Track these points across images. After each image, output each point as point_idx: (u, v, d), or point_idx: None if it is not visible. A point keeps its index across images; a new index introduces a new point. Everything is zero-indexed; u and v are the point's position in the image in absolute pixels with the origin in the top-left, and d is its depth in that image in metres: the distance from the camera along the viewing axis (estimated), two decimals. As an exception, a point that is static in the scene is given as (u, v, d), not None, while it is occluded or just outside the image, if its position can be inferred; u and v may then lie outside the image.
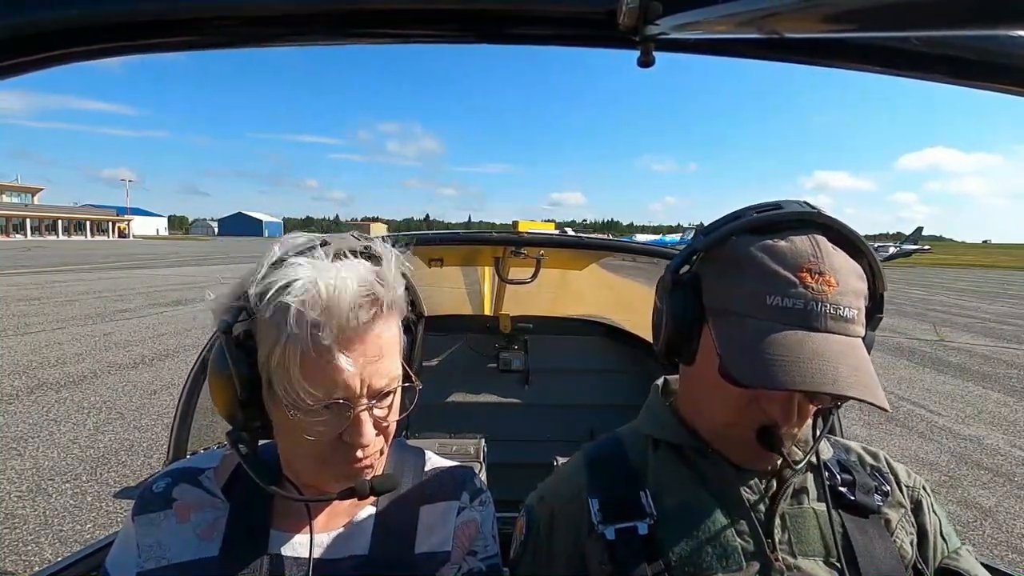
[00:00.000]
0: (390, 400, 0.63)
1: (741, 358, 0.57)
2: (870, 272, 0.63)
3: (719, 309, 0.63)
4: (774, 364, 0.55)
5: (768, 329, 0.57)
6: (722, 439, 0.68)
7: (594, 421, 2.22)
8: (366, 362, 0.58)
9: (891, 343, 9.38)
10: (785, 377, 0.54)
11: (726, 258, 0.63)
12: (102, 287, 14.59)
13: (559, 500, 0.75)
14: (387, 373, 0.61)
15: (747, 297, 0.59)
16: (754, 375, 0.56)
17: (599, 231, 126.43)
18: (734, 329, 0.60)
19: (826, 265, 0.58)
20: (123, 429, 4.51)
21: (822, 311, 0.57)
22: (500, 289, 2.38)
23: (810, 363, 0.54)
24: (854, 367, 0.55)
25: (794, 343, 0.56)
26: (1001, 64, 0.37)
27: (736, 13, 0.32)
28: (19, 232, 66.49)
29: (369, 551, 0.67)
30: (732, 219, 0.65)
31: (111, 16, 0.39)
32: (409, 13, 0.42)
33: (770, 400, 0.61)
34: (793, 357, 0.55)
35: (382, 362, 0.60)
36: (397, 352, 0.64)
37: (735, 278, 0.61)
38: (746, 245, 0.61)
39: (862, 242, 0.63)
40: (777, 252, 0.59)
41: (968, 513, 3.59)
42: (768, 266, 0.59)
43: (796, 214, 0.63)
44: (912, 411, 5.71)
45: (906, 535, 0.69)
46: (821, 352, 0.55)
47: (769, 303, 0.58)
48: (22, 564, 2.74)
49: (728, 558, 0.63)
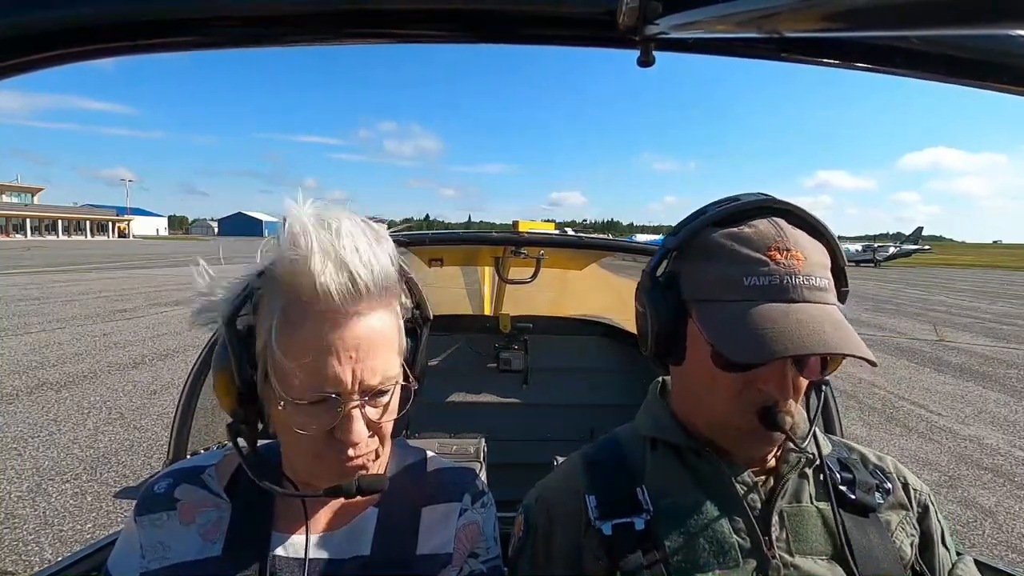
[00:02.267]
0: (386, 399, 0.62)
1: (731, 339, 0.59)
2: (830, 249, 0.67)
3: (700, 300, 0.65)
4: (764, 337, 0.57)
5: (750, 307, 0.60)
6: (723, 431, 0.68)
7: (594, 421, 2.22)
8: (359, 356, 0.57)
9: (891, 343, 9.38)
10: (777, 347, 0.56)
11: (698, 252, 0.66)
12: (102, 287, 14.59)
13: (557, 499, 0.75)
14: (382, 370, 0.59)
15: (725, 282, 0.62)
16: (748, 351, 0.58)
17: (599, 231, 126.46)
18: (718, 314, 0.62)
19: (791, 243, 0.61)
20: (123, 429, 4.51)
21: (797, 283, 0.60)
22: (500, 289, 2.39)
23: (797, 330, 0.57)
24: (837, 328, 0.58)
25: (779, 314, 0.58)
26: (1001, 64, 0.37)
27: (736, 13, 0.32)
28: (19, 232, 66.49)
29: (371, 552, 0.67)
30: (697, 216, 0.69)
31: (111, 16, 0.39)
32: (409, 13, 0.42)
33: (765, 378, 0.62)
34: (780, 327, 0.57)
35: (376, 358, 0.58)
36: (394, 350, 0.63)
37: (710, 268, 0.64)
38: (716, 237, 0.65)
39: (819, 223, 0.66)
40: (744, 237, 0.63)
41: (968, 513, 3.59)
42: (739, 251, 0.62)
43: (754, 203, 0.66)
44: (912, 411, 5.71)
45: (906, 536, 0.69)
46: (804, 319, 0.58)
47: (747, 284, 0.61)
48: (22, 564, 2.74)
49: (725, 555, 0.63)
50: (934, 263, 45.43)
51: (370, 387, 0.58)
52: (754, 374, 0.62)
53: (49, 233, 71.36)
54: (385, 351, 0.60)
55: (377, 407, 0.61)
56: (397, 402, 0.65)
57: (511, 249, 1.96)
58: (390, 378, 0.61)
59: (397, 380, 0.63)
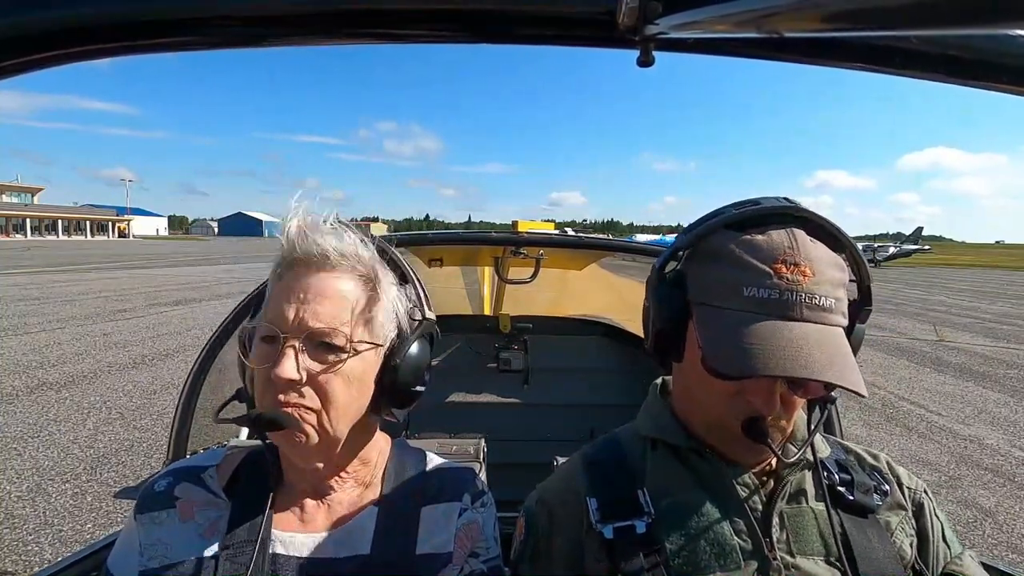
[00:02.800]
0: (332, 357, 0.61)
1: (719, 349, 0.59)
2: (853, 263, 0.65)
3: (700, 303, 0.64)
4: (750, 352, 0.56)
5: (745, 320, 0.59)
6: (714, 433, 0.69)
7: (594, 421, 2.22)
8: (306, 299, 0.61)
9: (891, 343, 9.38)
10: (759, 364, 0.55)
11: (707, 253, 0.65)
12: (102, 287, 14.59)
13: (558, 501, 0.75)
14: (326, 318, 0.61)
15: (725, 289, 0.61)
16: (731, 364, 0.57)
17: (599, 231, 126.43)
18: (713, 321, 0.62)
19: (801, 256, 0.59)
20: (123, 429, 4.51)
21: (797, 300, 0.58)
22: (500, 289, 2.39)
23: (784, 350, 0.55)
24: (830, 353, 0.56)
25: (770, 332, 0.57)
26: (1001, 64, 0.37)
27: (736, 13, 0.32)
28: (19, 232, 66.49)
29: (371, 551, 0.67)
30: (713, 216, 0.68)
31: (111, 16, 0.39)
32: (409, 13, 0.42)
33: (753, 391, 0.62)
34: (769, 345, 0.56)
35: (323, 305, 0.61)
36: (348, 309, 0.63)
37: (715, 272, 0.63)
38: (726, 240, 0.63)
39: (842, 234, 0.64)
40: (754, 245, 0.61)
41: (968, 513, 3.59)
42: (744, 259, 0.61)
43: (773, 208, 0.64)
44: (912, 411, 5.71)
45: (906, 536, 0.69)
46: (796, 340, 0.56)
47: (746, 295, 0.59)
48: (22, 564, 2.74)
49: (726, 557, 0.63)
50: (934, 263, 45.45)
51: (311, 330, 0.60)
52: (744, 384, 0.62)
53: (49, 233, 71.36)
54: (336, 305, 0.62)
55: (320, 360, 0.61)
56: (357, 374, 0.64)
57: (511, 249, 1.96)
58: (335, 330, 0.61)
59: (350, 343, 0.62)
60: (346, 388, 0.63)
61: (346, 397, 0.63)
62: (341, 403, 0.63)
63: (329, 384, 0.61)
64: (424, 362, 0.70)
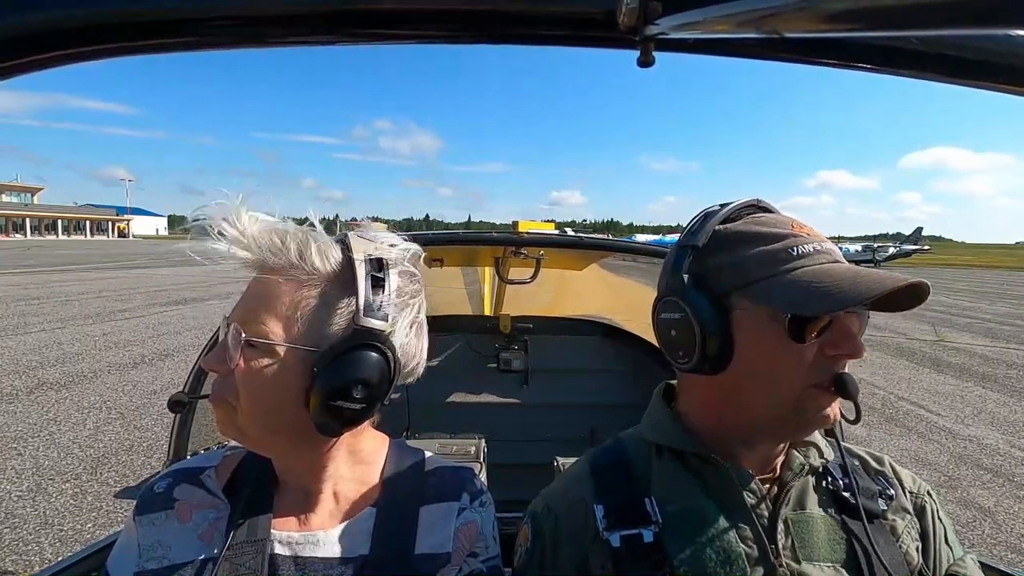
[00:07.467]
0: (248, 352, 0.60)
1: (806, 300, 0.59)
2: None
3: (747, 283, 0.63)
4: (842, 286, 0.57)
5: (809, 272, 0.61)
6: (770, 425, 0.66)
7: (594, 421, 2.22)
8: (249, 297, 0.64)
9: (891, 343, 9.38)
10: (863, 289, 0.57)
11: (723, 244, 0.66)
12: (102, 287, 14.59)
13: (564, 507, 0.74)
14: (249, 318, 0.61)
15: (771, 257, 0.62)
16: (828, 303, 0.57)
17: (599, 231, 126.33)
18: (776, 288, 0.61)
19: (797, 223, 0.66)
20: (123, 429, 4.51)
21: (830, 249, 0.63)
22: (500, 289, 2.38)
23: (861, 280, 0.58)
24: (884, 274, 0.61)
25: (842, 268, 0.61)
26: (1001, 64, 0.37)
27: (736, 13, 0.32)
28: (19, 232, 66.51)
29: (369, 551, 0.67)
30: (706, 217, 0.69)
31: (111, 16, 0.39)
32: (409, 13, 0.42)
33: (838, 336, 0.61)
34: (850, 277, 0.59)
35: (253, 305, 0.62)
36: (280, 318, 0.61)
37: (748, 252, 0.64)
38: (738, 226, 0.66)
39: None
40: (764, 221, 0.66)
41: (968, 513, 3.60)
42: (772, 231, 0.64)
43: (747, 202, 0.70)
44: (912, 411, 5.71)
45: (912, 540, 0.68)
46: (860, 271, 0.60)
47: (795, 253, 0.62)
48: (22, 564, 2.75)
49: (732, 564, 0.63)
50: (934, 263, 45.44)
51: (239, 320, 0.62)
52: (826, 340, 0.61)
53: (49, 233, 71.36)
54: (268, 308, 0.62)
55: (244, 357, 0.60)
56: (268, 374, 0.61)
57: (511, 249, 1.96)
58: (246, 323, 0.61)
59: (259, 339, 0.60)
60: (257, 380, 0.61)
61: (257, 391, 0.61)
62: (243, 399, 0.62)
63: (240, 379, 0.61)
64: (365, 376, 0.61)
